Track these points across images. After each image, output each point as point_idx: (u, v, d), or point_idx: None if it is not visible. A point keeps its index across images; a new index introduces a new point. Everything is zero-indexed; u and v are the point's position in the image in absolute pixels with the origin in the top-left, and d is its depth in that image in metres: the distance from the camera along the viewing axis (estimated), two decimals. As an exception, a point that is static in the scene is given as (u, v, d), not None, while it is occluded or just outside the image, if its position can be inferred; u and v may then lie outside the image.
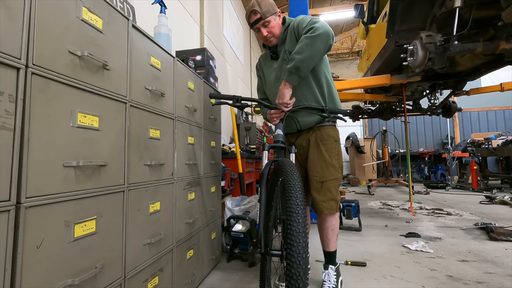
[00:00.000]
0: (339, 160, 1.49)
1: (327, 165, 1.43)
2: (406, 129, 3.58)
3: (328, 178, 1.42)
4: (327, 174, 1.43)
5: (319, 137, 1.47)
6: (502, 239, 2.25)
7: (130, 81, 0.99)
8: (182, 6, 3.28)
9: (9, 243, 0.57)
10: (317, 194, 1.43)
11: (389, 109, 4.29)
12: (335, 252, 1.49)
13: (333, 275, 1.46)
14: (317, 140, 1.47)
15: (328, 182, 1.42)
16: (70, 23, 0.75)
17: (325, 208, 1.41)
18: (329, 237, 1.47)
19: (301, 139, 1.52)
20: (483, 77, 5.18)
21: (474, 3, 1.89)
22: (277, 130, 1.32)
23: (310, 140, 1.49)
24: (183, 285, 1.34)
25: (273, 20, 1.40)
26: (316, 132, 1.48)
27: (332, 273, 1.46)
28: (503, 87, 3.25)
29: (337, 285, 1.44)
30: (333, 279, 1.45)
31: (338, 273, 1.50)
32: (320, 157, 1.44)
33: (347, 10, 6.73)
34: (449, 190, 5.67)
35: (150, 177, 1.10)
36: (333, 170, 1.44)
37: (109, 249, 0.85)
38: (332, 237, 1.47)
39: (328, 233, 1.47)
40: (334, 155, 1.46)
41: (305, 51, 1.25)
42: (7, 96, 0.58)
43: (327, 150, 1.45)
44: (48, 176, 0.66)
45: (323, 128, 1.48)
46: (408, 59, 2.21)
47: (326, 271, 1.47)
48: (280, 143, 1.27)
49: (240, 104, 1.32)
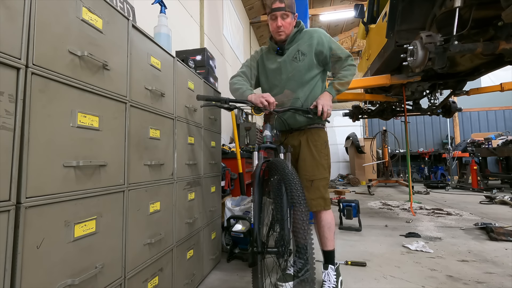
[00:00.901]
0: (328, 160, 1.56)
1: (317, 165, 1.50)
2: (406, 129, 3.58)
3: (317, 177, 1.49)
4: (317, 173, 1.49)
5: (309, 138, 1.53)
6: (502, 239, 2.25)
7: (130, 81, 0.99)
8: (182, 6, 3.28)
9: (9, 243, 0.57)
10: (306, 192, 1.47)
11: (389, 109, 4.29)
12: (333, 251, 1.51)
13: (333, 275, 1.47)
14: (308, 140, 1.53)
15: (317, 181, 1.48)
16: (70, 23, 0.75)
17: (313, 206, 1.47)
18: (326, 235, 1.49)
19: (292, 139, 1.57)
20: (483, 77, 5.18)
21: (474, 3, 1.89)
22: (265, 131, 1.36)
23: (301, 141, 1.54)
24: (183, 285, 1.34)
25: (290, 17, 1.47)
26: (307, 133, 1.55)
27: (332, 273, 1.47)
28: (503, 87, 3.25)
29: (337, 285, 1.45)
30: (333, 279, 1.46)
31: (338, 273, 1.51)
32: (311, 157, 1.51)
33: (347, 10, 6.73)
34: (449, 190, 5.67)
35: (150, 177, 1.10)
36: (322, 170, 1.50)
37: (109, 249, 0.85)
38: (329, 235, 1.49)
39: (325, 231, 1.49)
40: (324, 155, 1.53)
41: (350, 78, 1.49)
42: (7, 96, 0.58)
43: (317, 150, 1.52)
44: (48, 176, 0.66)
45: (313, 130, 1.55)
46: (408, 59, 2.21)
47: (326, 271, 1.48)
48: (269, 143, 1.32)
49: (228, 105, 1.35)
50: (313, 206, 1.47)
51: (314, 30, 1.54)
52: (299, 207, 0.97)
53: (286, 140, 1.59)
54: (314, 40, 1.49)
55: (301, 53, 1.49)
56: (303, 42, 1.51)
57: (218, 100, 1.35)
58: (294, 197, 0.97)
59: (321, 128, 1.58)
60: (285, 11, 1.44)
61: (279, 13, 1.44)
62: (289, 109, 1.38)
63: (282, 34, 1.48)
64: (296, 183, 0.99)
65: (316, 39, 1.49)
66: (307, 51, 1.49)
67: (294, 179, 1.00)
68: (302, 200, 0.97)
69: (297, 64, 1.50)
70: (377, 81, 3.02)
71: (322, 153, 1.53)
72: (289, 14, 1.46)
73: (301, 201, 0.97)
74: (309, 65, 1.49)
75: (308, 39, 1.50)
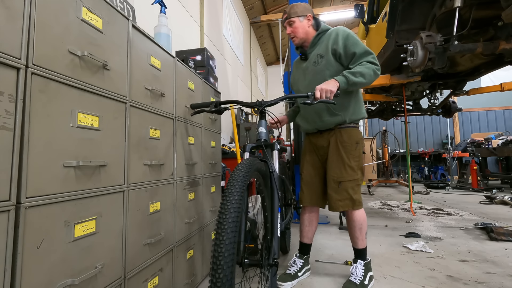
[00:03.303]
0: (359, 161, 1.53)
1: (344, 166, 1.49)
2: (406, 129, 3.58)
3: (345, 179, 1.48)
4: (345, 175, 1.49)
5: (339, 139, 1.52)
6: (502, 239, 2.25)
7: (130, 81, 0.99)
8: (182, 6, 3.28)
9: (9, 243, 0.57)
10: (333, 193, 1.50)
11: (389, 109, 4.29)
12: (364, 249, 1.55)
13: (360, 269, 1.50)
14: (337, 142, 1.52)
15: (345, 182, 1.49)
16: (70, 23, 0.75)
17: (340, 206, 1.49)
18: (356, 235, 1.53)
19: (322, 140, 1.58)
20: (483, 77, 5.18)
21: (474, 3, 1.89)
22: (260, 128, 1.30)
23: (331, 141, 1.54)
24: (183, 285, 1.34)
25: (298, 22, 1.52)
26: (336, 133, 1.53)
27: (360, 267, 1.51)
28: (503, 87, 3.25)
29: (363, 279, 1.47)
30: (360, 273, 1.49)
31: (368, 268, 1.53)
32: (339, 158, 1.50)
33: (347, 10, 6.74)
34: (449, 190, 5.66)
35: (150, 177, 1.10)
36: (350, 171, 1.49)
37: (109, 249, 0.85)
38: (359, 235, 1.52)
39: (356, 231, 1.52)
40: (353, 157, 1.51)
41: (367, 79, 1.37)
42: (7, 96, 0.58)
43: (346, 152, 1.50)
44: (48, 176, 0.66)
45: (343, 130, 1.53)
46: (408, 59, 2.21)
47: (355, 264, 1.53)
48: (263, 141, 1.26)
49: (217, 109, 1.33)
50: (340, 207, 1.49)
51: (333, 29, 1.53)
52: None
53: (315, 141, 1.60)
54: (330, 40, 1.49)
55: (319, 56, 1.51)
56: (322, 44, 1.52)
57: (208, 105, 1.33)
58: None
59: (353, 127, 1.54)
60: (288, 18, 1.53)
61: (286, 22, 1.55)
62: (282, 98, 1.28)
63: (295, 39, 1.55)
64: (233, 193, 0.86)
65: (332, 39, 1.48)
66: (324, 52, 1.50)
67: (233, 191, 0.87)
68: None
69: (316, 67, 1.52)
70: (377, 81, 3.02)
71: (352, 155, 1.50)
72: (294, 20, 1.52)
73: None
74: (327, 66, 1.48)
75: (326, 40, 1.51)
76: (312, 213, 1.67)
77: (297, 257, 1.67)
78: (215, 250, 0.77)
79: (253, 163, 1.02)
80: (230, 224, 0.79)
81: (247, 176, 0.92)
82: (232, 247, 0.77)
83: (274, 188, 1.15)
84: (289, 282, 1.54)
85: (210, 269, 0.77)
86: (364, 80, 1.36)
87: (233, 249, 0.77)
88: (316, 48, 1.54)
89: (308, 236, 1.67)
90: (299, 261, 1.64)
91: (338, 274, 1.67)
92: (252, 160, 1.03)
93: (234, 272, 0.79)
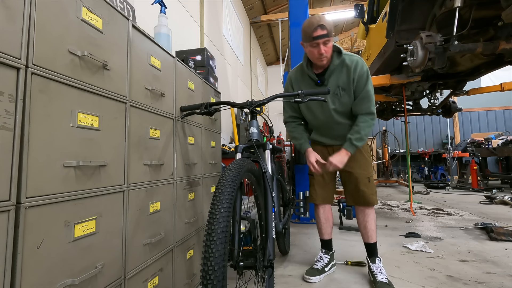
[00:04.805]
0: (371, 159, 1.71)
1: (368, 164, 1.64)
2: (406, 129, 3.58)
3: (371, 175, 1.63)
4: (370, 171, 1.63)
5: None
6: (502, 239, 2.25)
7: (130, 81, 1.00)
8: (182, 6, 3.28)
9: (9, 243, 0.57)
10: (366, 189, 1.59)
11: (389, 109, 4.29)
12: (376, 243, 1.64)
13: (382, 267, 1.55)
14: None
15: (371, 177, 1.63)
16: (70, 23, 0.75)
17: (375, 200, 1.60)
18: (373, 228, 1.62)
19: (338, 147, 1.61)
20: (483, 77, 5.18)
21: (474, 3, 1.89)
22: (252, 128, 1.29)
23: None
24: (183, 285, 1.34)
25: (332, 42, 1.42)
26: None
27: (381, 265, 1.55)
28: (503, 87, 3.25)
29: (387, 276, 1.51)
30: (384, 270, 1.53)
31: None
32: (363, 157, 1.63)
33: (347, 10, 6.74)
34: (449, 190, 5.66)
35: (150, 177, 1.10)
36: (371, 168, 1.66)
37: (109, 249, 0.85)
38: (375, 227, 1.63)
39: (372, 224, 1.62)
40: (369, 156, 1.70)
41: (367, 135, 1.52)
42: (7, 96, 0.58)
43: (365, 151, 1.65)
44: (48, 176, 0.66)
45: None
46: (408, 59, 2.21)
47: (375, 264, 1.56)
48: (255, 141, 1.25)
49: (207, 110, 1.31)
50: (375, 200, 1.60)
51: (357, 61, 1.46)
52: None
53: (331, 148, 1.67)
54: (355, 73, 1.44)
55: (342, 89, 1.48)
56: (342, 75, 1.46)
57: (198, 107, 1.32)
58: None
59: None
60: (328, 37, 1.35)
61: (321, 41, 1.35)
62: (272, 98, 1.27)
63: (325, 59, 1.42)
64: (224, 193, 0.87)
65: (357, 74, 1.44)
66: (346, 85, 1.47)
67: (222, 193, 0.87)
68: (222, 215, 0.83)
69: (337, 100, 1.51)
70: (377, 81, 3.01)
71: (368, 153, 1.68)
72: (331, 39, 1.38)
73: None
74: (350, 102, 1.50)
75: (346, 71, 1.45)
76: (326, 210, 1.75)
77: (323, 253, 1.73)
78: (205, 251, 0.76)
79: (244, 163, 1.01)
80: (220, 224, 0.78)
81: (238, 176, 0.92)
82: (223, 247, 0.76)
83: (268, 188, 1.15)
84: (317, 276, 1.58)
85: (201, 270, 0.76)
86: (365, 141, 1.55)
87: (224, 249, 0.76)
88: (335, 75, 1.48)
89: (327, 232, 1.75)
90: (326, 257, 1.70)
91: (338, 274, 1.67)
92: (243, 161, 1.03)
93: (226, 273, 0.78)
